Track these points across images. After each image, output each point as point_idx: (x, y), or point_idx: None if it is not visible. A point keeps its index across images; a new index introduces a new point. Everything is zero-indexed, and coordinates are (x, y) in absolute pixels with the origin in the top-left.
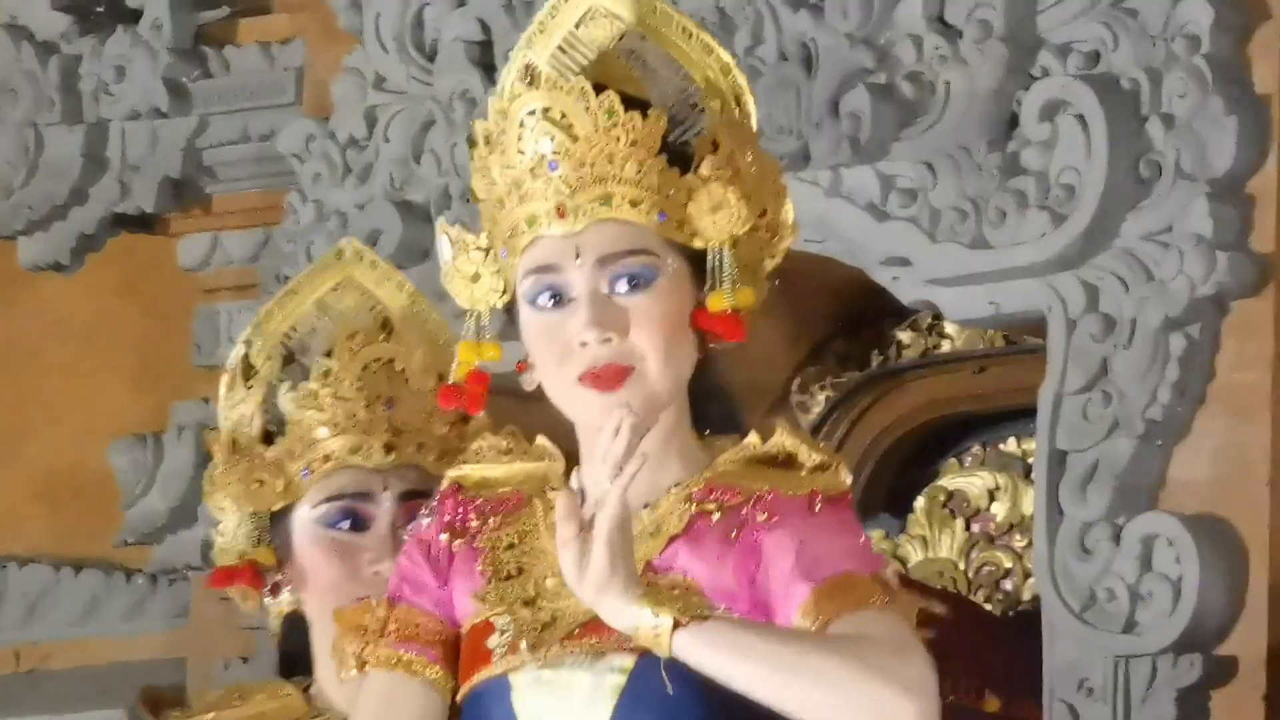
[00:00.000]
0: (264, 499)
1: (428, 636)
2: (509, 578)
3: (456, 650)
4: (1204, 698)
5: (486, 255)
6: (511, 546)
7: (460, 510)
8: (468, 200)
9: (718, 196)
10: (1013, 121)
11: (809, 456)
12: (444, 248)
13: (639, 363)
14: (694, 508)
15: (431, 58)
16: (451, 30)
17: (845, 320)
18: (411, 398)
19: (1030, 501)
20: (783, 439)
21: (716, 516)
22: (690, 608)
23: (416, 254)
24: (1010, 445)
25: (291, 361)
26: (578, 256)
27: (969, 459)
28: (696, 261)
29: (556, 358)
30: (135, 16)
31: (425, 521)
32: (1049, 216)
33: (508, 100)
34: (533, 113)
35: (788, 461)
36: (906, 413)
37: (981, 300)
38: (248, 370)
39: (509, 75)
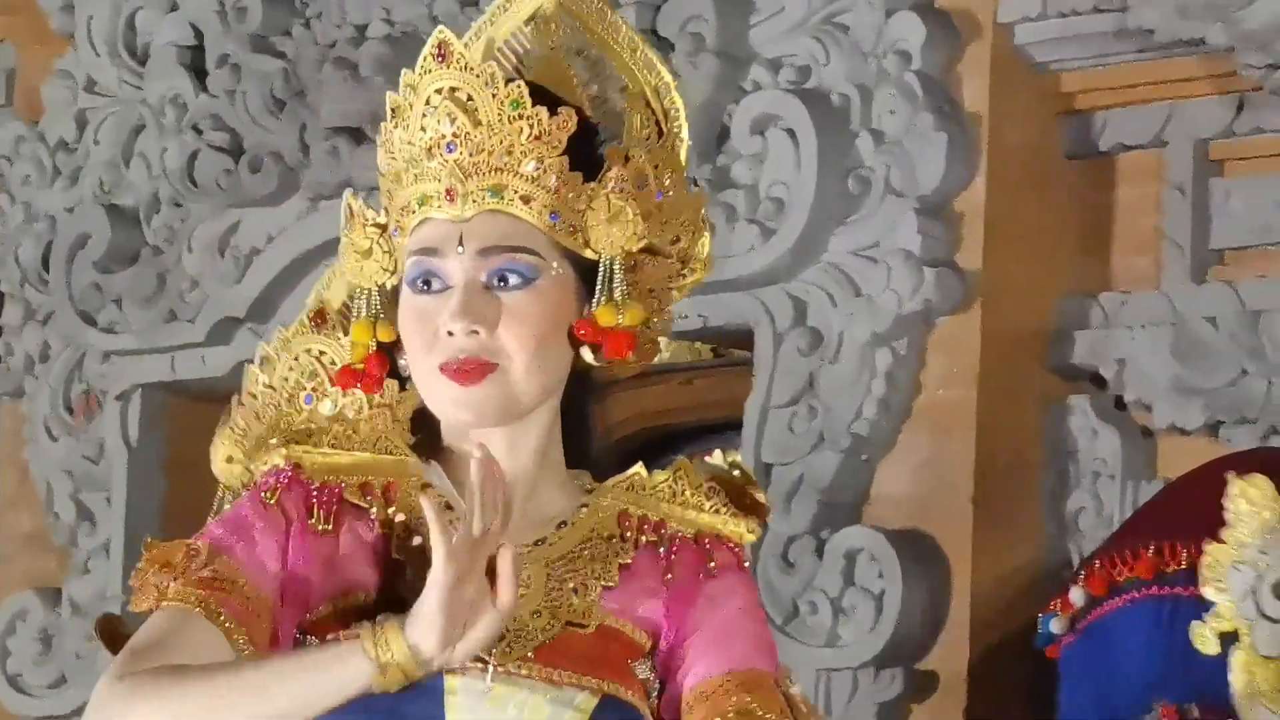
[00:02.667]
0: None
1: (239, 596)
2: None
3: (264, 621)
4: (905, 712)
5: (381, 233)
6: (416, 539)
7: (324, 494)
8: (178, 205)
9: (615, 208)
10: (723, 135)
11: (732, 496)
12: (343, 219)
13: (504, 361)
14: (639, 539)
15: (143, 61)
16: (163, 35)
17: None
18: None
19: None
20: (696, 479)
21: (661, 551)
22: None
23: (125, 257)
24: (716, 457)
25: None
26: (461, 244)
27: None
28: (588, 274)
29: (424, 344)
30: None
31: (272, 493)
32: (758, 230)
33: (418, 74)
34: (439, 91)
35: (685, 497)
36: (614, 424)
37: (690, 313)
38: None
39: (425, 49)
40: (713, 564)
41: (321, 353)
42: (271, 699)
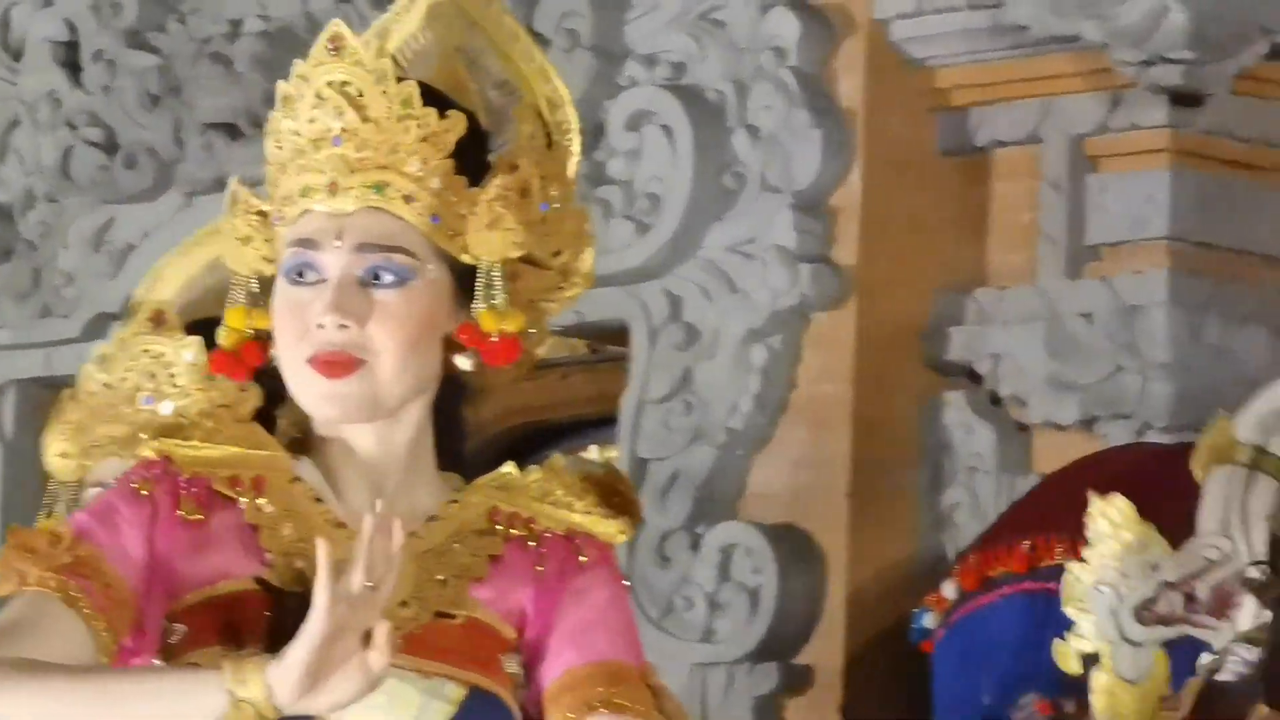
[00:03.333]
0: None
1: (100, 583)
2: (297, 564)
3: (126, 610)
4: (780, 706)
5: (263, 220)
6: (286, 531)
7: (194, 485)
8: (53, 200)
9: (496, 215)
10: (599, 131)
11: (603, 495)
12: (226, 204)
13: (372, 358)
14: (509, 532)
15: (18, 57)
16: (38, 31)
17: None
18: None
19: None
20: (592, 475)
21: (531, 543)
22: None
23: (0, 253)
24: (592, 453)
25: None
26: (339, 238)
27: None
28: (464, 279)
29: (294, 335)
30: None
31: (143, 483)
32: (634, 226)
33: (311, 65)
34: (330, 84)
35: (556, 496)
36: (491, 419)
37: (566, 308)
38: None
39: (320, 41)
40: (583, 558)
41: (160, 353)
42: (127, 712)
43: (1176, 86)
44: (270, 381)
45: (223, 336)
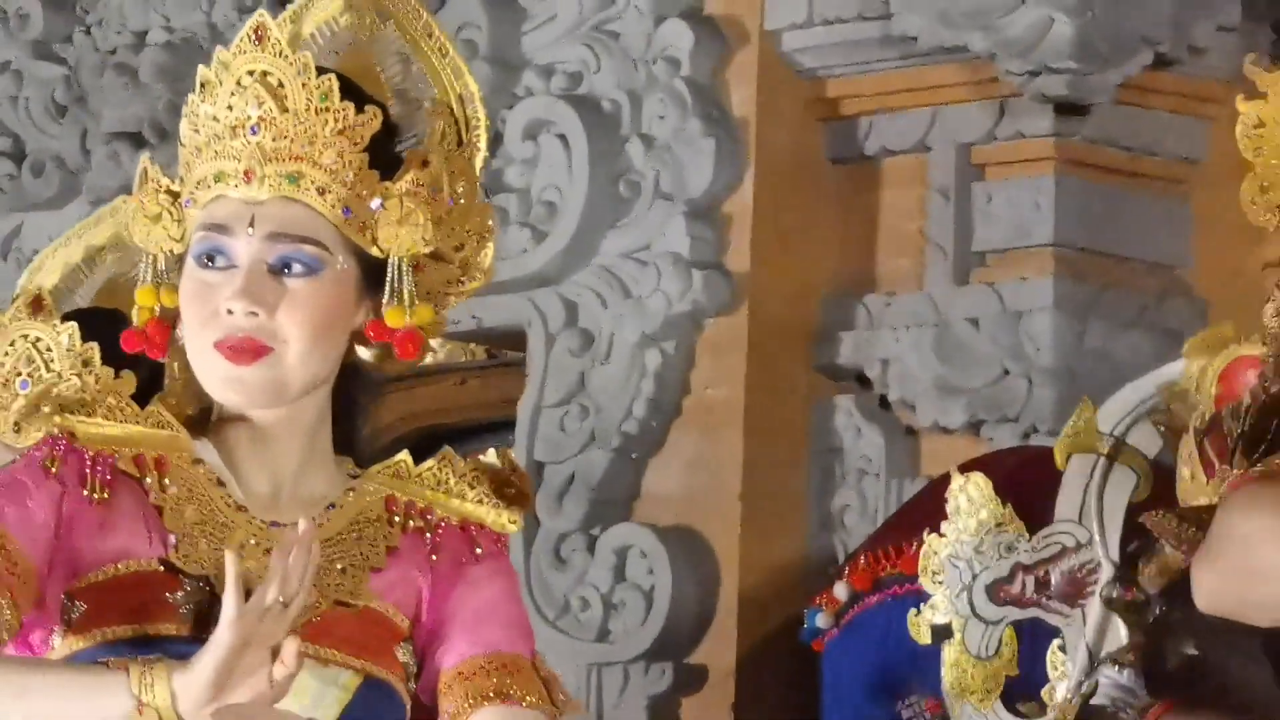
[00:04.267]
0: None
1: (4, 559)
2: (200, 545)
3: (29, 585)
4: (674, 705)
5: (173, 200)
6: (188, 513)
7: (99, 464)
8: None
9: (407, 210)
10: (497, 139)
11: (496, 485)
12: (136, 182)
13: (279, 346)
14: (406, 523)
15: None
16: None
17: None
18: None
19: None
20: (480, 467)
21: (428, 536)
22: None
23: None
24: (489, 456)
25: None
26: (251, 225)
27: None
28: (371, 271)
29: (202, 319)
30: None
31: (51, 461)
32: (530, 233)
33: (233, 53)
34: (251, 73)
35: (450, 485)
36: (391, 423)
37: (464, 314)
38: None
39: (243, 30)
40: (478, 549)
41: (38, 339)
42: (29, 704)
43: (1061, 96)
44: (148, 365)
45: (135, 315)
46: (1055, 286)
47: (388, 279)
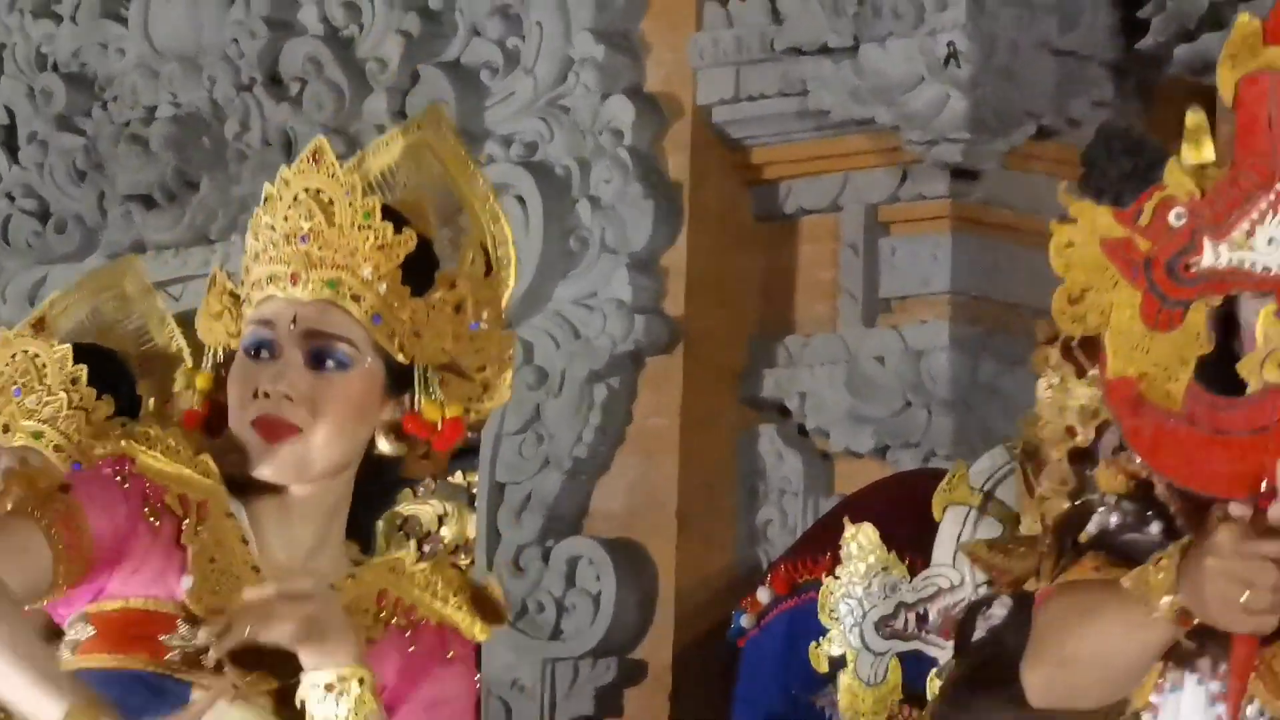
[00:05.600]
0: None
1: (75, 530)
2: (214, 592)
3: (79, 567)
4: (618, 695)
5: (235, 301)
6: (213, 560)
7: (155, 492)
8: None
9: (432, 324)
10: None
11: (473, 597)
12: (207, 286)
13: (308, 428)
14: (390, 619)
15: None
16: None
17: None
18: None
19: (473, 526)
20: (450, 575)
21: (408, 633)
22: None
23: None
24: (457, 478)
25: None
26: (294, 322)
27: (421, 489)
28: (396, 375)
29: (242, 400)
30: None
31: (118, 475)
32: None
33: (294, 171)
34: (307, 189)
35: (437, 589)
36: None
37: None
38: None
39: (305, 151)
40: (450, 654)
41: (36, 355)
42: None
43: (956, 163)
44: (126, 395)
45: (194, 399)
46: (951, 329)
47: (416, 380)
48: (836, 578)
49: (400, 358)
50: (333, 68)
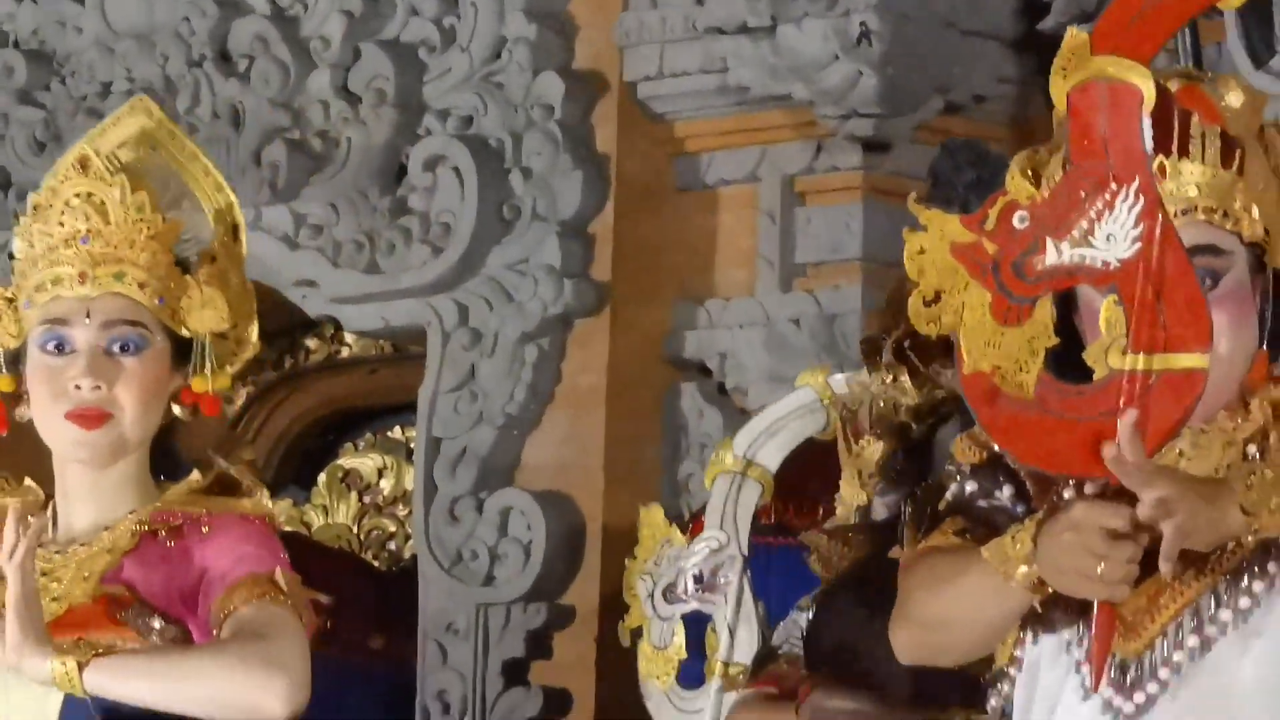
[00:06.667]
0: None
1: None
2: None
3: None
4: (548, 638)
5: (9, 304)
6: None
7: None
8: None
9: (208, 296)
10: (401, 171)
11: (241, 484)
12: None
13: (118, 412)
14: (143, 528)
15: None
16: None
17: (263, 330)
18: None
19: (411, 478)
20: (218, 472)
21: (161, 534)
22: (88, 651)
23: None
24: (396, 433)
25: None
26: (88, 317)
27: (362, 443)
28: (179, 348)
29: (53, 395)
30: None
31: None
32: (430, 249)
33: (59, 180)
34: (79, 195)
35: (225, 488)
36: (312, 405)
37: (374, 316)
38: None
39: (65, 161)
40: (204, 529)
41: None
42: None
43: (868, 137)
44: None
45: None
46: (863, 293)
47: (194, 353)
48: (634, 558)
49: (184, 332)
50: (279, 45)
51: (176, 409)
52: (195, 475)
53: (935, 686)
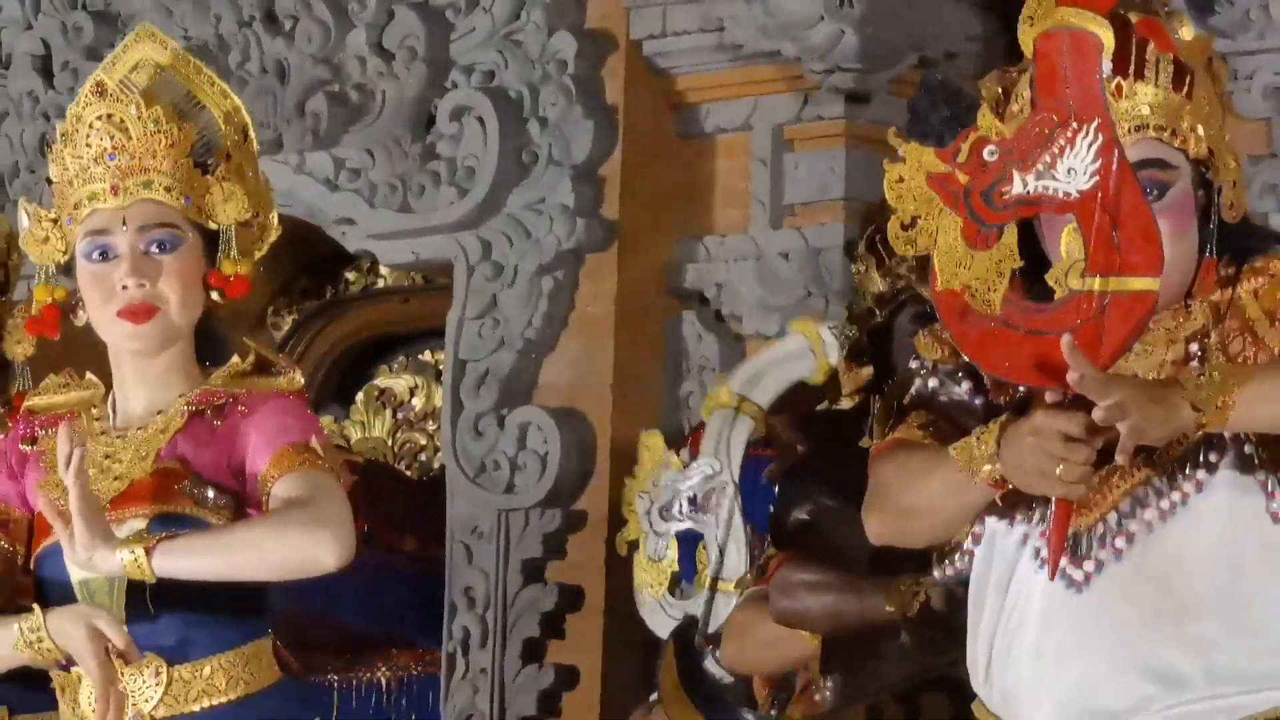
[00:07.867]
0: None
1: (2, 515)
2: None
3: (26, 529)
4: (563, 540)
5: (55, 224)
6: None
7: (29, 426)
8: (32, 171)
9: (229, 191)
10: (430, 121)
11: (275, 365)
12: (23, 219)
13: (164, 305)
14: (191, 409)
15: (7, 66)
16: (22, 46)
17: (307, 263)
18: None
19: (440, 397)
20: (254, 355)
21: (208, 414)
22: (150, 539)
23: None
24: (426, 356)
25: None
26: (124, 224)
27: (396, 365)
28: (209, 239)
29: (102, 297)
30: None
31: (2, 435)
32: (456, 190)
33: (81, 107)
34: (100, 117)
35: (261, 370)
36: (351, 331)
37: (406, 250)
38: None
39: (84, 89)
40: (242, 408)
41: None
42: None
43: (850, 89)
44: None
45: (33, 307)
46: (845, 230)
47: (220, 243)
48: (633, 477)
49: (212, 225)
50: (320, 7)
51: (215, 295)
52: (235, 359)
53: (890, 558)
